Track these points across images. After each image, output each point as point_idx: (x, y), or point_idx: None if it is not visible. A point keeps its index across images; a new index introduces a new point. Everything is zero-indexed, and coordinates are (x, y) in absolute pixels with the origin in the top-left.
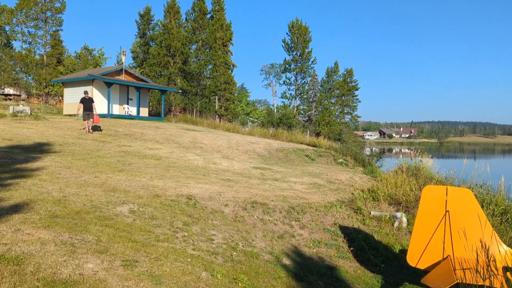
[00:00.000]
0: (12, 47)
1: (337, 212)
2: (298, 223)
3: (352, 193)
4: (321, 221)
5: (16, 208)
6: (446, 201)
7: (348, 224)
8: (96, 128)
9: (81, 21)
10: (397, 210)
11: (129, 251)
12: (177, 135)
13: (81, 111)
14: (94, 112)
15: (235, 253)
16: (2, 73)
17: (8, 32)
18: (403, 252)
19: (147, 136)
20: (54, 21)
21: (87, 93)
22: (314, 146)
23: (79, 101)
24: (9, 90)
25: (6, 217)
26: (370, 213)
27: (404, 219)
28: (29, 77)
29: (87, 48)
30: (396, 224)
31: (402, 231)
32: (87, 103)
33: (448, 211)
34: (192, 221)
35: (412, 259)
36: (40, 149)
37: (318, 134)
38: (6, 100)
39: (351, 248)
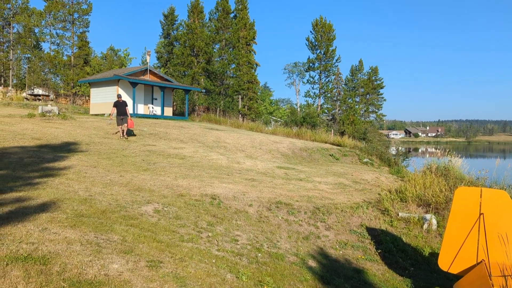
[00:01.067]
0: (41, 48)
1: (363, 213)
2: (324, 224)
3: (379, 194)
4: (347, 222)
5: (43, 207)
6: (480, 203)
7: (375, 226)
8: (130, 133)
9: (107, 22)
10: (426, 212)
11: (154, 252)
12: (201, 135)
13: (114, 115)
14: (128, 116)
15: (260, 254)
16: (32, 74)
17: (37, 34)
18: (433, 255)
19: (171, 136)
20: (81, 23)
21: (121, 97)
22: (338, 145)
23: (104, 100)
24: (39, 91)
25: (34, 216)
26: (398, 215)
27: (434, 221)
28: (57, 78)
29: (113, 49)
30: (425, 226)
31: (432, 233)
32: (120, 107)
33: (483, 213)
34: (216, 221)
35: (443, 263)
36: (67, 148)
37: (342, 133)
38: (35, 100)
39: (379, 251)
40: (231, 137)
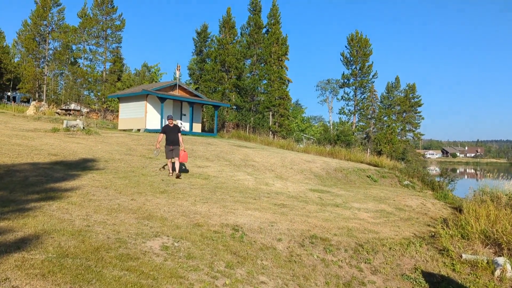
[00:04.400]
0: (79, 65)
1: (416, 252)
2: (369, 266)
3: (429, 225)
4: (397, 264)
5: (20, 244)
6: None
7: (433, 270)
8: (181, 169)
9: (141, 39)
10: (496, 253)
11: None
12: (228, 152)
13: (162, 144)
14: (180, 147)
15: None
16: (69, 89)
17: (74, 51)
18: None
19: (197, 153)
20: (114, 38)
21: (172, 118)
22: (375, 165)
23: (132, 115)
24: (73, 106)
25: (2, 257)
26: (460, 256)
27: (509, 267)
28: (91, 93)
29: (146, 66)
30: (497, 273)
31: (507, 282)
32: (171, 133)
33: None
34: (237, 261)
35: None
36: (83, 165)
37: (379, 153)
38: (66, 115)
39: None
40: (260, 155)
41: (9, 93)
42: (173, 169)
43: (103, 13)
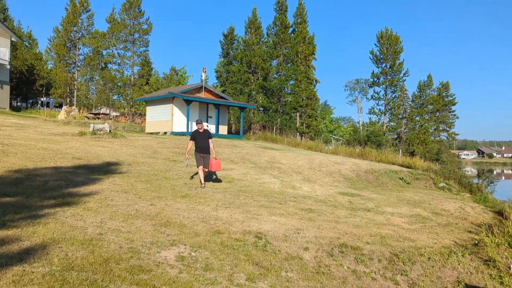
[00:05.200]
0: (106, 69)
1: (459, 263)
2: (406, 279)
3: (475, 233)
4: (438, 276)
5: (24, 255)
6: None
7: (479, 283)
8: (211, 177)
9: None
10: None
11: None
12: (254, 154)
13: (192, 151)
14: (212, 154)
15: None
16: (99, 94)
17: (105, 56)
18: None
19: (222, 155)
20: (141, 42)
21: (201, 122)
22: (408, 167)
23: (159, 118)
24: (104, 110)
25: (1, 270)
26: (509, 268)
27: None
28: (121, 97)
29: (174, 69)
30: None
31: None
32: (201, 139)
33: None
34: (259, 272)
35: None
36: (105, 169)
37: (412, 154)
38: (95, 119)
39: None
40: (287, 157)
41: (42, 99)
42: (204, 179)
43: (131, 17)
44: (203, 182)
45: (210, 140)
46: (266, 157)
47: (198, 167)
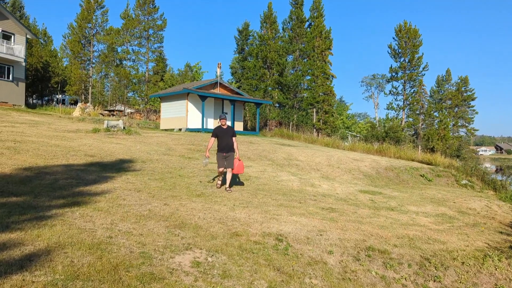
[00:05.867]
0: (121, 66)
1: (496, 268)
2: (439, 286)
3: (506, 234)
4: (474, 283)
5: (25, 261)
6: None
7: None
8: (235, 180)
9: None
10: None
11: None
12: (271, 151)
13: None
14: (235, 154)
15: None
16: (114, 91)
17: (120, 53)
18: None
19: (239, 152)
20: (156, 38)
21: (225, 118)
22: (428, 163)
23: (174, 115)
24: (119, 107)
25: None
26: None
27: None
28: (136, 94)
29: (189, 66)
30: None
31: None
32: (224, 137)
33: None
34: (281, 279)
35: None
36: (118, 166)
37: (432, 150)
38: (109, 115)
39: None
40: (305, 153)
41: (58, 96)
42: (223, 181)
43: (145, 13)
44: (219, 183)
45: (234, 139)
46: (283, 154)
47: (218, 169)
